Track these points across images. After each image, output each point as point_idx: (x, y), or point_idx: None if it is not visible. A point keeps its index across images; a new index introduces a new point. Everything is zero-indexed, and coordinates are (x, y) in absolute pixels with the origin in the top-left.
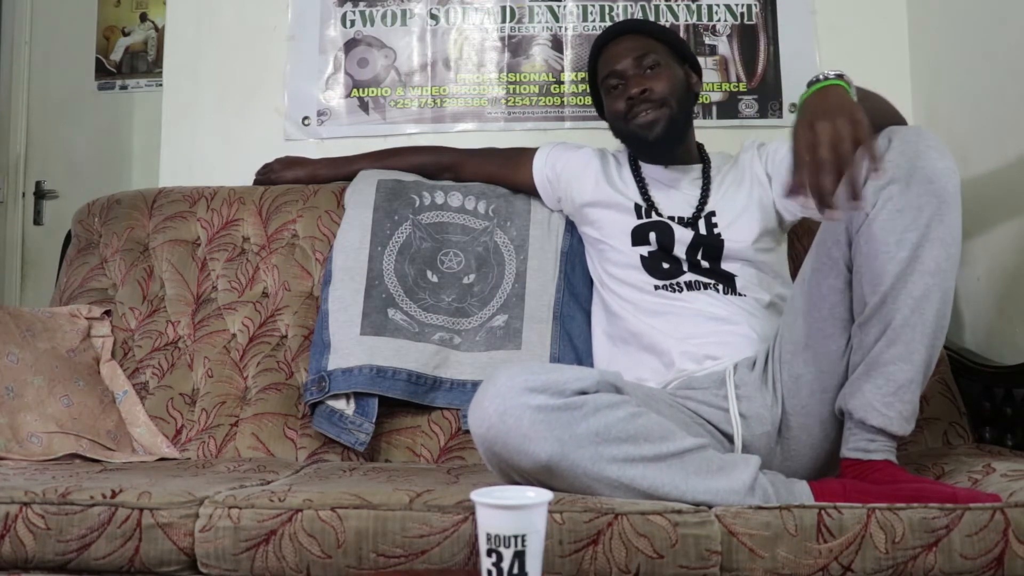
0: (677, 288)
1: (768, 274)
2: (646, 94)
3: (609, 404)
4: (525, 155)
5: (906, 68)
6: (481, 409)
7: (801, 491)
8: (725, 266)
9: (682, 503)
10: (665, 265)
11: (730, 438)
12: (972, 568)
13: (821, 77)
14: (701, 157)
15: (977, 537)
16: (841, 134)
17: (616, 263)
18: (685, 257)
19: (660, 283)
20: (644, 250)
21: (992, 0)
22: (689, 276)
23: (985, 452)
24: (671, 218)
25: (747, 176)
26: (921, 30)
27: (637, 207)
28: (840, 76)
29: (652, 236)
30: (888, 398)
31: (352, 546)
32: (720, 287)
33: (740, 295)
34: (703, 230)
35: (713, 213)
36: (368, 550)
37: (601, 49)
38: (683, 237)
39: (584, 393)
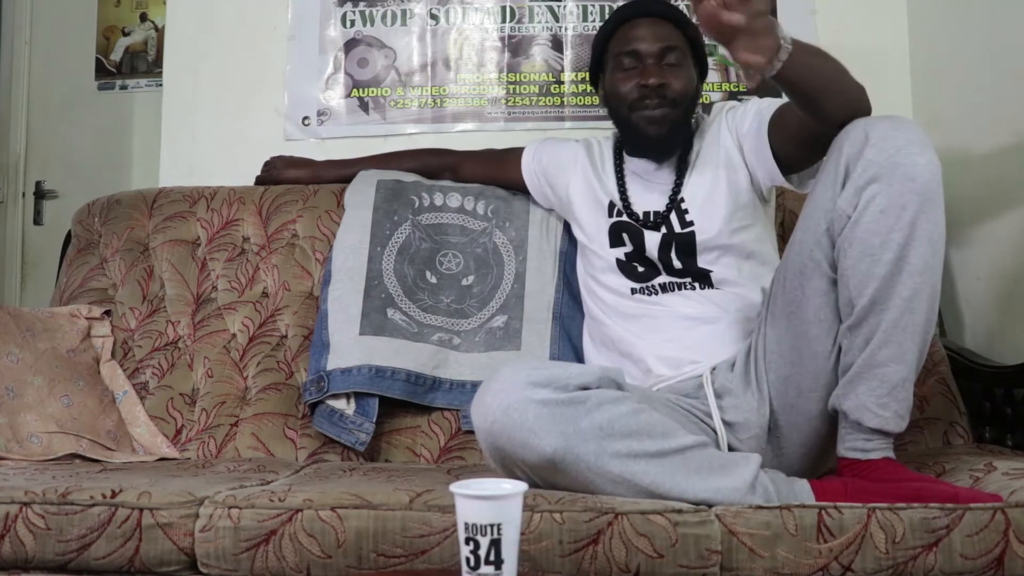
0: (652, 291)
1: (746, 258)
2: (663, 89)
3: (612, 399)
4: (516, 152)
5: (906, 68)
6: (484, 404)
7: (802, 490)
8: (700, 261)
9: (683, 501)
10: (640, 268)
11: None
12: (972, 568)
13: None
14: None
15: (977, 537)
16: None
17: (597, 267)
18: (658, 258)
19: (637, 286)
20: (620, 252)
21: (992, 0)
22: (664, 278)
23: (986, 451)
24: (645, 215)
25: (717, 150)
26: (921, 30)
27: (611, 205)
28: None
29: (626, 236)
30: (883, 399)
31: (352, 546)
32: (696, 285)
33: (716, 289)
34: (675, 224)
35: (683, 200)
36: (368, 550)
37: (625, 20)
38: (653, 239)
39: (587, 388)
